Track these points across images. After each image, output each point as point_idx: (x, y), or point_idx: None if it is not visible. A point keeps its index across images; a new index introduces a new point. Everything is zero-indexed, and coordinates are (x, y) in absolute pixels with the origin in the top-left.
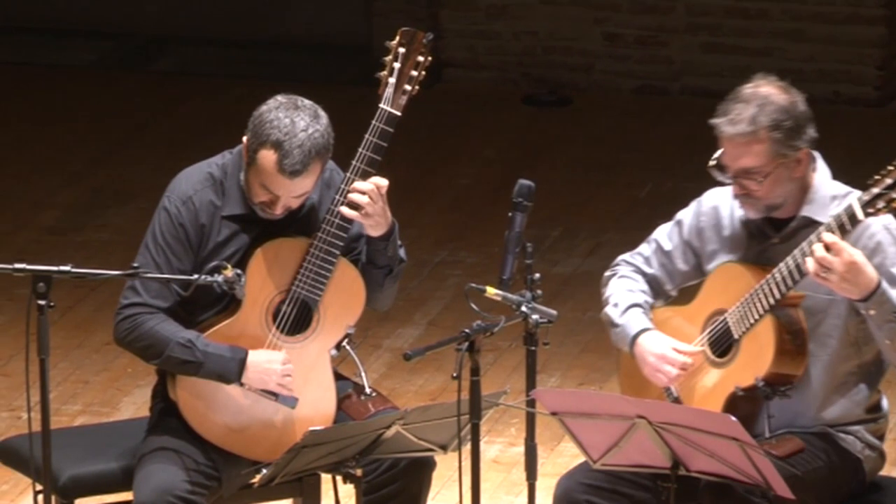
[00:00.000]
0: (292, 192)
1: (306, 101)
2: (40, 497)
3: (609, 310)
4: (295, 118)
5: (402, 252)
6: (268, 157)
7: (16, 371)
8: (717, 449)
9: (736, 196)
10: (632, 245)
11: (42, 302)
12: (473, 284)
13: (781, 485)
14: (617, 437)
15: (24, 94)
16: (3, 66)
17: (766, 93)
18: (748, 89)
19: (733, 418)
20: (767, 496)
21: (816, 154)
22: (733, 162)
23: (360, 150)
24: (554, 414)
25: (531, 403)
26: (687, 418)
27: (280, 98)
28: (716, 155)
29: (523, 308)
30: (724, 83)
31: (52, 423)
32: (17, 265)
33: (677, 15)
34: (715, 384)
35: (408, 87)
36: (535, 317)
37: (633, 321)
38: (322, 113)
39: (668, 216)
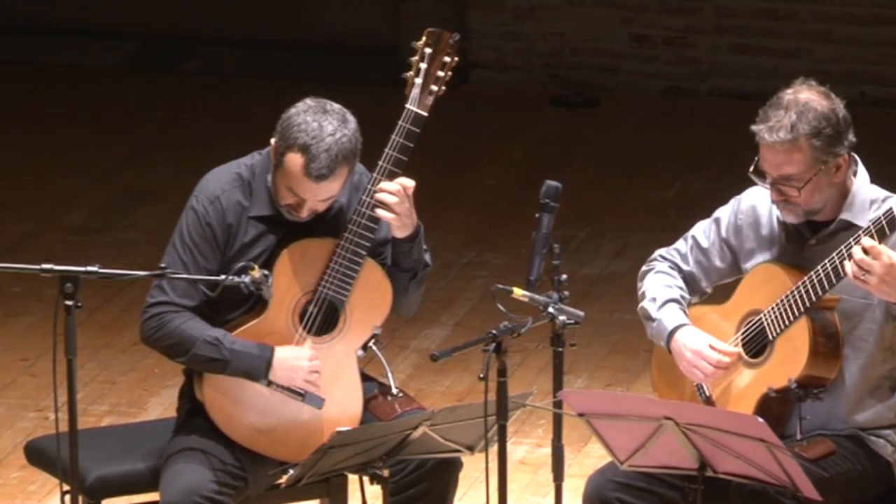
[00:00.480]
0: (318, 196)
1: (335, 105)
2: (67, 497)
3: (646, 304)
4: (323, 122)
5: (427, 257)
6: (295, 160)
7: (43, 371)
8: (745, 450)
9: (775, 201)
10: (659, 246)
11: (69, 302)
12: (500, 285)
13: (809, 487)
14: (644, 438)
15: (51, 94)
16: (31, 66)
17: (805, 99)
18: (788, 95)
19: (760, 419)
20: (798, 498)
21: (856, 158)
22: (773, 169)
23: (386, 150)
24: (581, 415)
25: (558, 404)
26: (714, 419)
27: (309, 101)
28: (755, 160)
29: (550, 309)
30: (752, 84)
31: (80, 424)
32: (45, 266)
33: (705, 16)
34: (748, 384)
35: (434, 88)
36: (562, 318)
37: (670, 316)
38: (350, 117)
39: (695, 217)
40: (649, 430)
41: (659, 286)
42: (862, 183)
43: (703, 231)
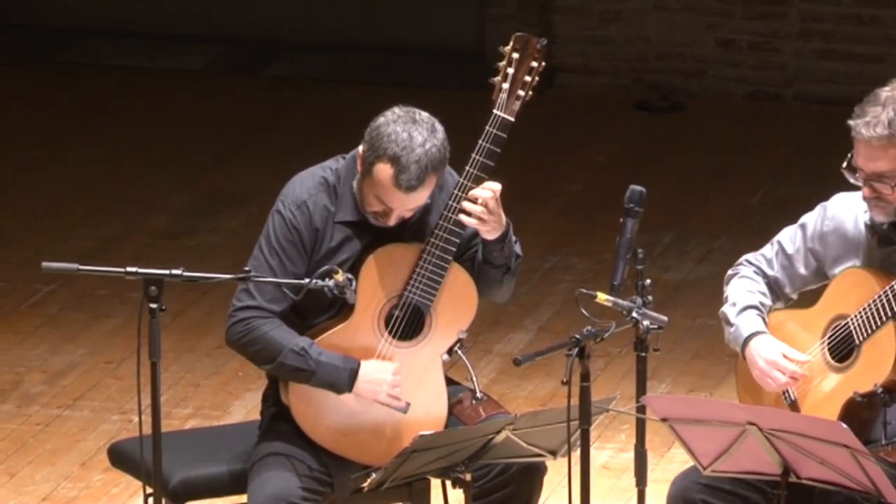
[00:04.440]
0: (407, 206)
1: (423, 114)
2: (150, 500)
3: (727, 308)
4: (413, 132)
5: (517, 248)
6: (384, 170)
7: (127, 374)
8: (828, 456)
9: (866, 198)
10: (743, 252)
11: (154, 305)
12: (584, 290)
13: (893, 492)
14: (727, 443)
15: (137, 98)
16: (117, 69)
17: None
18: (885, 92)
19: (844, 425)
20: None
21: None
22: (867, 164)
23: (473, 155)
24: (664, 420)
25: (641, 409)
26: (797, 425)
27: (397, 110)
28: (849, 156)
29: (634, 314)
30: (837, 89)
31: (163, 427)
32: (129, 269)
33: (790, 21)
34: (833, 389)
35: (521, 93)
36: (645, 323)
37: (747, 323)
38: (439, 126)
39: (780, 222)
40: (732, 435)
41: (741, 291)
42: None
43: (788, 237)
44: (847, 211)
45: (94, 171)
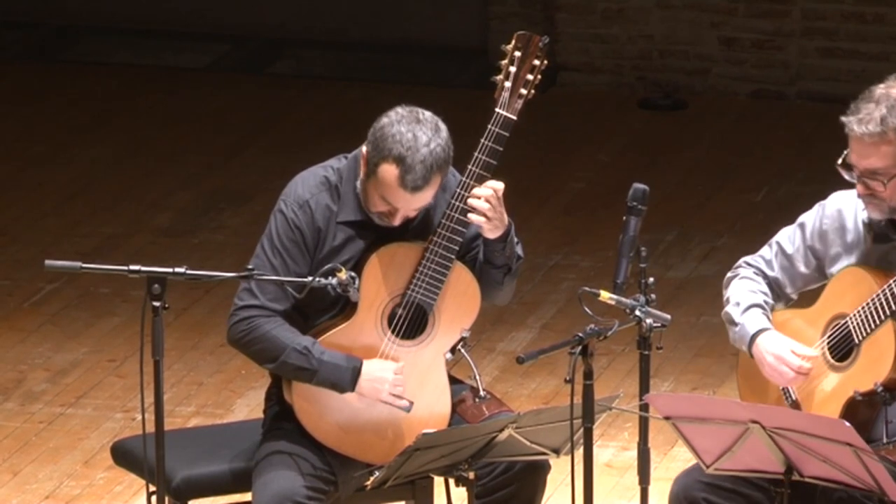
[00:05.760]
0: (412, 205)
1: (427, 114)
2: (154, 498)
3: (730, 308)
4: (417, 132)
5: (519, 249)
6: (389, 171)
7: (130, 372)
8: (831, 454)
9: (860, 196)
10: (747, 251)
11: (157, 303)
12: (587, 288)
13: (895, 490)
14: (730, 442)
15: (140, 96)
16: (121, 67)
17: None
18: (880, 89)
19: (847, 423)
20: (884, 503)
21: None
22: (860, 161)
23: (476, 154)
24: (667, 418)
25: (644, 408)
26: (801, 423)
27: (401, 110)
28: (844, 153)
29: (637, 312)
30: (841, 88)
31: (166, 425)
32: (133, 267)
33: (794, 19)
34: (834, 388)
35: (524, 91)
36: (648, 321)
37: (752, 321)
38: (442, 125)
39: (783, 221)
40: (736, 433)
41: (743, 291)
42: None
43: (787, 237)
44: (845, 209)
45: (97, 169)
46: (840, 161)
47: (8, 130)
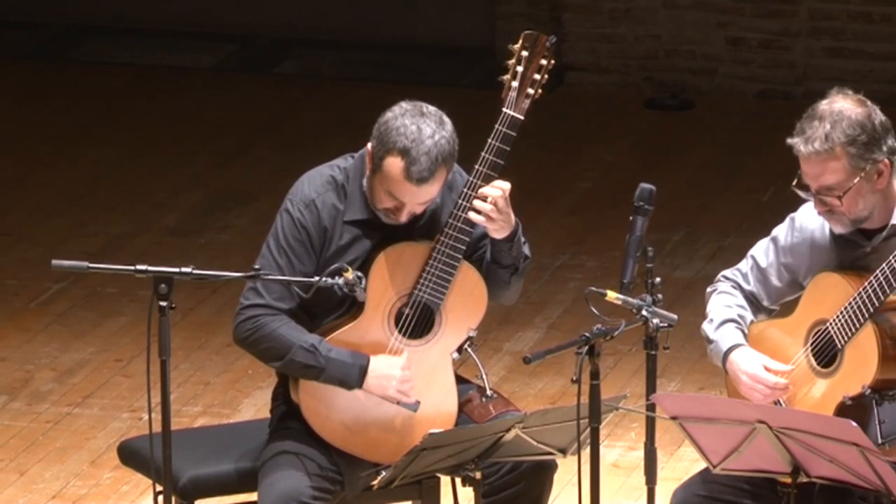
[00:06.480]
0: (418, 199)
1: (431, 108)
2: (160, 498)
3: (705, 325)
4: (421, 125)
5: (526, 249)
6: (394, 164)
7: (137, 372)
8: (838, 454)
9: (820, 213)
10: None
11: (164, 303)
12: (594, 288)
13: None
14: (737, 442)
15: (146, 96)
16: (127, 67)
17: (840, 108)
18: (823, 105)
19: (853, 423)
20: (881, 502)
21: None
22: (813, 180)
23: (483, 154)
24: (674, 418)
25: (651, 408)
26: (807, 423)
27: (405, 105)
28: (798, 174)
29: (644, 312)
30: (847, 87)
31: (173, 425)
32: (139, 267)
33: (800, 19)
34: (823, 394)
35: (531, 91)
36: (655, 321)
37: (725, 337)
38: (447, 119)
39: None
40: (742, 433)
41: (719, 307)
42: None
43: (762, 250)
44: (814, 221)
45: (103, 169)
46: (795, 182)
47: (14, 130)
